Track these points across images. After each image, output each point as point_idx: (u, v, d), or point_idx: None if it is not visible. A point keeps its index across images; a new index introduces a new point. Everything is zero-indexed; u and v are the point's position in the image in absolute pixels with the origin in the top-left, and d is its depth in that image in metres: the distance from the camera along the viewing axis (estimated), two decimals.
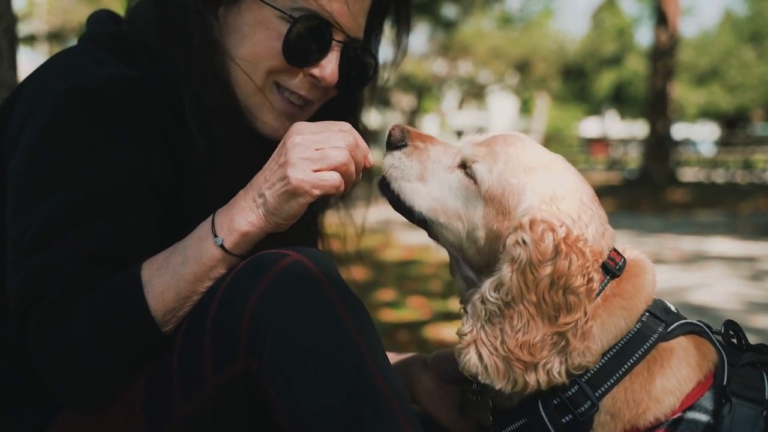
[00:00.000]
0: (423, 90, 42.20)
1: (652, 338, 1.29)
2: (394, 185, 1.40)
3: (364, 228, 1.81)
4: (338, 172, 1.24)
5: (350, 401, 1.15)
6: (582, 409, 1.26)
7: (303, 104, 1.54)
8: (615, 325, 1.29)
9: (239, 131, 1.48)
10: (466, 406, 1.43)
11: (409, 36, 1.71)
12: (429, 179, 1.38)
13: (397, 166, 1.40)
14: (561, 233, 1.24)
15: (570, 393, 1.27)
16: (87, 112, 1.31)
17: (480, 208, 1.33)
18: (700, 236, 8.76)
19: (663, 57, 17.05)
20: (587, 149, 32.83)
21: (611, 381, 1.27)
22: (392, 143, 1.41)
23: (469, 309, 1.29)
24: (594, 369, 1.27)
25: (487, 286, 1.25)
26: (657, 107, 17.19)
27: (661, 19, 17.03)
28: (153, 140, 1.37)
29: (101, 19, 1.55)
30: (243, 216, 1.26)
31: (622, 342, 1.29)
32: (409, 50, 1.78)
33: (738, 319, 4.49)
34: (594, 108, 52.92)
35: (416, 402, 1.59)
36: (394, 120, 48.08)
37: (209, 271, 1.26)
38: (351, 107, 1.68)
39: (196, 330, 1.23)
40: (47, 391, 1.31)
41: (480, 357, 1.23)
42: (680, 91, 35.27)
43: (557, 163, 1.37)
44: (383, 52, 1.73)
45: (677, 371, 1.29)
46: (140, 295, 1.24)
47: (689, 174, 21.60)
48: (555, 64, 44.31)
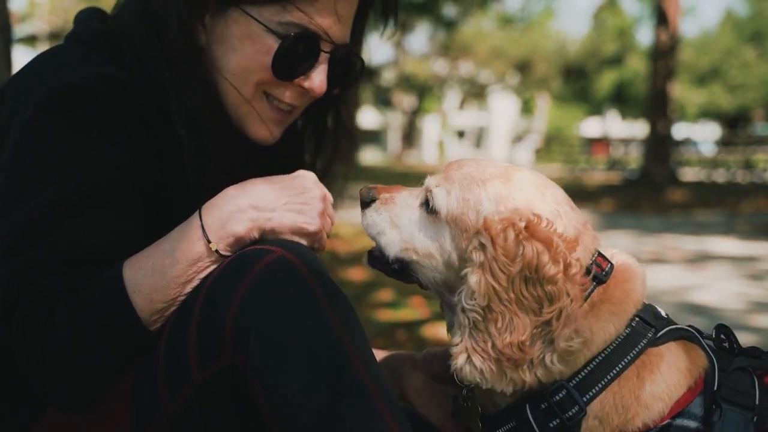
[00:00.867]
0: (424, 90, 42.18)
1: (642, 343, 1.29)
2: (377, 242, 1.43)
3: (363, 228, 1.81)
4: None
5: (335, 396, 1.16)
6: (569, 414, 1.25)
7: (291, 110, 1.55)
8: (604, 330, 1.28)
9: (227, 134, 1.49)
10: (458, 412, 1.42)
11: (397, 20, 1.70)
12: (399, 225, 1.41)
13: (370, 224, 1.44)
14: (521, 225, 1.22)
15: (557, 397, 1.26)
16: (69, 112, 1.31)
17: (447, 234, 1.33)
18: (701, 236, 8.76)
19: (663, 57, 17.04)
20: (588, 149, 32.79)
21: (599, 386, 1.26)
22: (363, 203, 1.46)
23: (455, 322, 1.28)
24: (583, 374, 1.26)
25: (462, 296, 1.25)
26: (657, 107, 17.18)
27: (662, 19, 17.02)
28: (138, 139, 1.37)
29: (87, 17, 1.54)
30: (240, 222, 1.27)
31: (611, 347, 1.28)
32: (410, 50, 1.78)
33: (738, 319, 4.46)
34: (595, 108, 52.92)
35: (405, 400, 1.59)
36: (396, 120, 48.09)
37: (200, 273, 1.26)
38: (337, 104, 1.70)
39: (182, 327, 1.23)
40: (32, 391, 1.30)
41: (474, 365, 1.23)
42: (681, 91, 35.26)
43: (516, 172, 1.35)
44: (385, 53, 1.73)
45: (667, 377, 1.28)
46: (125, 296, 1.23)
47: (690, 174, 21.58)
48: (556, 64, 44.32)
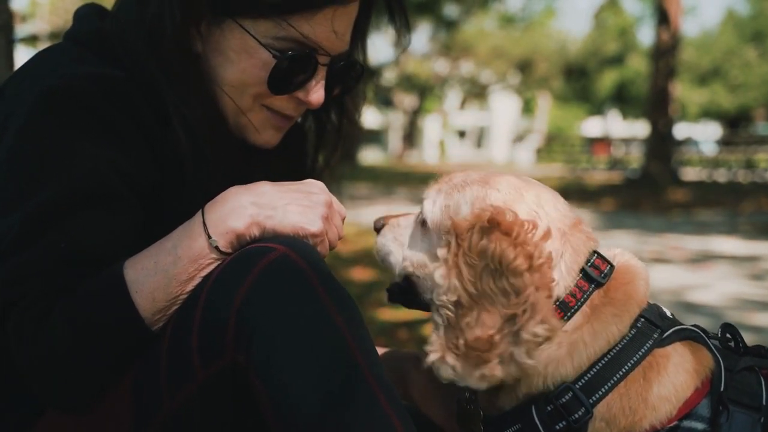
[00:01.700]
0: (425, 90, 42.18)
1: (648, 344, 1.27)
2: (386, 262, 1.49)
3: (367, 227, 1.82)
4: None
5: (338, 396, 1.15)
6: (576, 416, 1.24)
7: (290, 117, 1.55)
8: (607, 332, 1.27)
9: (226, 138, 1.49)
10: (461, 416, 1.42)
11: (409, 31, 1.69)
12: (402, 243, 1.46)
13: (379, 247, 1.50)
14: (485, 219, 1.22)
15: (564, 400, 1.25)
16: (64, 114, 1.31)
17: (435, 242, 1.35)
18: (702, 236, 8.75)
19: (665, 56, 17.03)
20: (589, 149, 32.78)
21: (606, 387, 1.25)
22: (376, 230, 1.53)
23: (432, 321, 1.27)
24: (588, 376, 1.25)
25: (434, 295, 1.25)
26: (659, 107, 17.16)
27: (663, 19, 17.01)
28: (132, 140, 1.36)
29: (85, 15, 1.53)
30: (240, 217, 1.26)
31: (617, 348, 1.27)
32: (411, 50, 1.78)
33: (740, 318, 4.46)
34: (596, 108, 52.91)
35: (408, 399, 1.58)
36: (397, 120, 48.06)
37: (201, 270, 1.25)
38: (341, 100, 1.69)
39: (184, 325, 1.23)
40: (30, 391, 1.29)
41: (446, 361, 1.22)
42: (682, 91, 35.24)
43: (498, 176, 1.36)
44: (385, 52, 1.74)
45: (674, 378, 1.27)
46: (126, 296, 1.23)
47: (691, 173, 21.55)
48: (557, 64, 44.31)
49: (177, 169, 1.41)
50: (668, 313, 1.37)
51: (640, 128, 33.88)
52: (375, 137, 49.04)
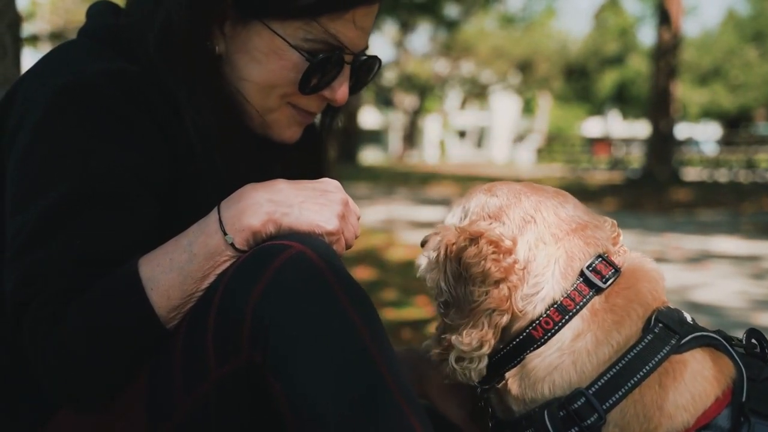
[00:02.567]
0: (425, 90, 42.17)
1: (664, 350, 1.24)
2: (421, 277, 1.49)
3: (368, 227, 1.82)
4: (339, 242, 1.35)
5: (355, 394, 1.14)
6: (588, 422, 1.22)
7: (313, 114, 1.56)
8: (610, 338, 1.26)
9: (243, 140, 1.49)
10: (475, 413, 1.45)
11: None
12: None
13: (419, 265, 1.48)
14: (467, 232, 1.31)
15: (576, 405, 1.23)
16: (79, 111, 1.30)
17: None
18: (704, 235, 8.74)
19: (666, 56, 17.03)
20: (589, 149, 32.78)
21: (619, 394, 1.23)
22: (422, 245, 1.52)
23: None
24: (602, 381, 1.24)
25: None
26: (660, 106, 17.17)
27: (664, 18, 17.01)
28: (148, 137, 1.35)
29: (99, 12, 1.53)
30: (256, 214, 1.25)
31: (632, 354, 1.24)
32: (412, 50, 1.79)
33: (742, 318, 4.45)
34: (596, 108, 52.91)
35: (425, 398, 1.58)
36: (397, 120, 48.04)
37: (216, 268, 1.25)
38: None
39: (199, 323, 1.22)
40: (43, 390, 1.29)
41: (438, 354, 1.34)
42: (683, 91, 35.23)
43: (502, 184, 1.44)
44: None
45: (691, 386, 1.24)
46: (142, 294, 1.22)
47: (692, 173, 21.53)
48: (557, 64, 44.31)
49: (194, 167, 1.41)
50: (689, 319, 1.32)
51: (641, 128, 33.87)
52: (375, 137, 49.03)
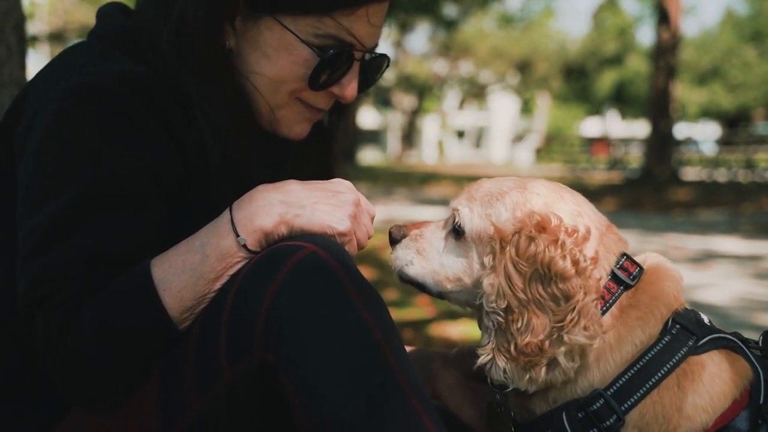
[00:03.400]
0: (424, 90, 42.20)
1: (682, 351, 1.24)
2: (404, 273, 1.45)
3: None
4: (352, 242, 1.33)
5: (369, 395, 1.14)
6: (607, 424, 1.22)
7: (321, 110, 1.55)
8: (633, 335, 1.26)
9: (253, 135, 1.48)
10: (492, 419, 1.42)
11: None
12: (429, 258, 1.43)
13: (400, 257, 1.46)
14: (531, 225, 1.24)
15: (595, 407, 1.23)
16: (89, 113, 1.30)
17: (473, 253, 1.34)
18: (704, 235, 8.74)
19: (665, 56, 17.04)
20: (588, 149, 32.80)
21: (638, 395, 1.23)
22: (393, 240, 1.48)
23: (482, 325, 1.29)
24: (620, 382, 1.24)
25: (483, 301, 1.26)
26: (659, 106, 17.18)
27: (663, 18, 17.02)
28: (159, 138, 1.35)
29: (108, 13, 1.53)
30: (268, 216, 1.25)
31: (650, 355, 1.25)
32: (410, 50, 1.78)
33: (744, 318, 4.45)
34: (595, 108, 52.94)
35: (437, 398, 1.57)
36: (395, 120, 48.09)
37: (229, 269, 1.25)
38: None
39: (212, 325, 1.22)
40: (55, 390, 1.29)
41: (497, 364, 1.24)
42: (682, 91, 35.26)
43: (532, 181, 1.37)
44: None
45: (710, 387, 1.24)
46: (154, 295, 1.22)
47: (691, 173, 21.55)
48: (556, 64, 44.34)
49: (204, 166, 1.40)
50: (706, 320, 1.33)
51: (639, 128, 33.90)
52: (374, 137, 49.06)
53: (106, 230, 1.26)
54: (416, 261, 1.43)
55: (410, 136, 45.24)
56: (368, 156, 42.48)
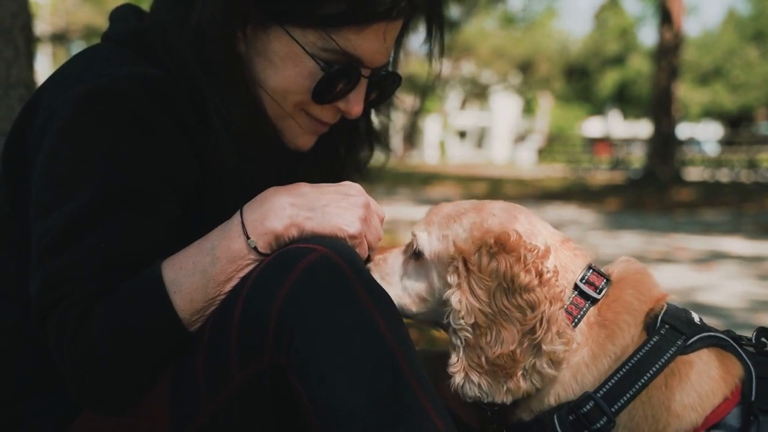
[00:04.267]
0: (425, 90, 42.17)
1: (671, 351, 1.26)
2: None
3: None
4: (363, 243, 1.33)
5: (380, 396, 1.14)
6: (598, 426, 1.24)
7: (327, 124, 1.55)
8: (609, 352, 1.28)
9: (265, 138, 1.49)
10: (484, 424, 1.44)
11: (443, 54, 1.70)
12: (392, 282, 1.46)
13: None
14: (490, 241, 1.28)
15: (585, 409, 1.25)
16: (105, 115, 1.31)
17: (433, 273, 1.39)
18: (706, 235, 8.73)
19: (667, 56, 17.01)
20: (590, 149, 32.78)
21: (627, 396, 1.25)
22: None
23: (450, 344, 1.31)
24: (609, 384, 1.26)
25: (451, 319, 1.28)
26: (661, 106, 17.15)
27: (666, 18, 17.00)
28: (174, 141, 1.36)
29: (122, 15, 1.53)
30: (279, 218, 1.26)
31: (639, 355, 1.27)
32: (411, 50, 1.78)
33: (747, 319, 4.43)
34: (597, 108, 52.92)
35: (441, 398, 1.58)
36: (397, 120, 48.03)
37: (239, 271, 1.25)
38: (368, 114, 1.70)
39: (223, 326, 1.22)
40: (67, 392, 1.29)
41: (471, 380, 1.27)
42: (684, 91, 35.23)
43: (489, 203, 1.42)
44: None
45: (697, 385, 1.26)
46: (165, 297, 1.22)
47: (694, 173, 21.52)
48: (558, 64, 44.33)
49: (218, 169, 1.40)
50: (696, 319, 1.34)
51: (641, 128, 33.86)
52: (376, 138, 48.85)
53: (119, 233, 1.27)
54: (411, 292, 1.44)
55: (412, 137, 45.22)
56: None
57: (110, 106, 1.30)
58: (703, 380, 1.26)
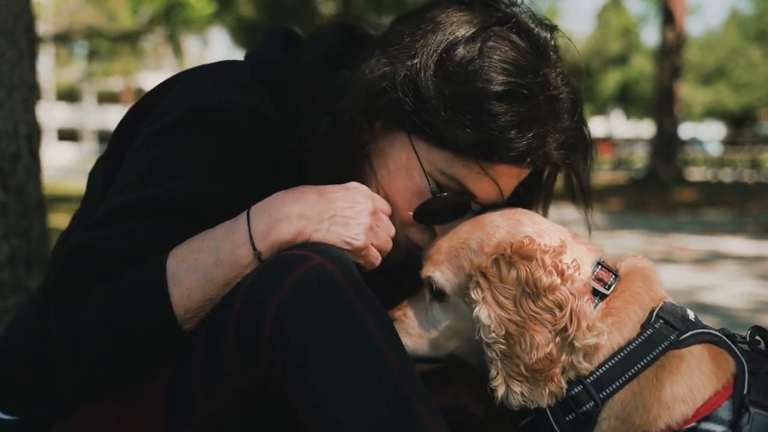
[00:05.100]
0: None
1: (663, 345, 1.30)
2: None
3: None
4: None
5: (375, 405, 1.15)
6: (584, 408, 1.28)
7: (420, 248, 1.50)
8: (611, 341, 1.30)
9: None
10: (488, 412, 1.47)
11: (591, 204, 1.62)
12: (421, 334, 1.44)
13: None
14: (507, 252, 1.28)
15: (573, 392, 1.29)
16: (203, 132, 1.34)
17: (461, 305, 1.38)
18: (709, 236, 8.72)
19: (669, 56, 17.00)
20: None
21: (617, 384, 1.28)
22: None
23: (486, 359, 1.31)
24: (599, 372, 1.29)
25: (481, 335, 1.29)
26: (664, 106, 17.14)
27: (668, 18, 16.99)
28: (262, 182, 1.37)
29: (270, 41, 1.54)
30: (287, 230, 1.26)
31: (631, 347, 1.30)
32: None
33: (749, 319, 4.42)
34: (599, 107, 52.83)
35: (456, 397, 1.61)
36: None
37: (239, 276, 1.26)
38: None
39: (219, 330, 1.23)
40: (57, 380, 1.31)
41: (513, 390, 1.27)
42: (686, 91, 35.17)
43: (485, 218, 1.41)
44: None
45: (688, 379, 1.29)
46: (164, 289, 1.23)
47: (696, 173, 21.50)
48: None
49: None
50: (692, 316, 1.37)
51: (644, 128, 33.83)
52: None
53: (161, 238, 1.29)
54: (410, 342, 1.43)
55: None
56: None
57: (213, 126, 1.34)
58: (695, 374, 1.29)
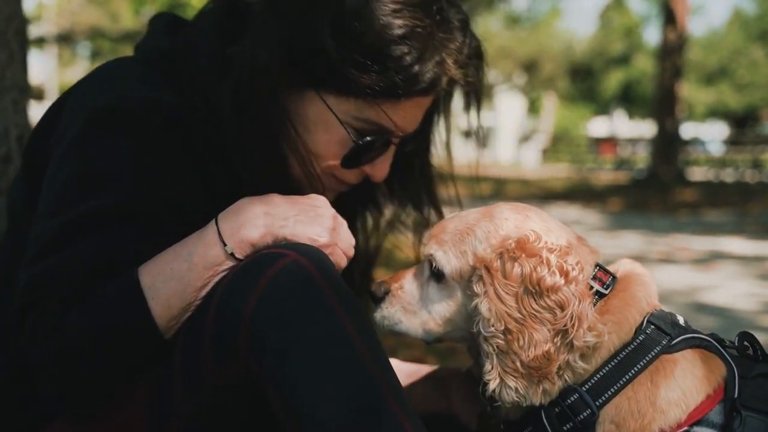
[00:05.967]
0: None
1: (655, 350, 1.31)
2: (395, 331, 1.46)
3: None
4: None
5: (351, 402, 1.16)
6: (581, 417, 1.28)
7: (350, 184, 1.58)
8: (608, 342, 1.31)
9: (281, 189, 1.47)
10: (482, 420, 1.45)
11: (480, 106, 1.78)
12: (415, 311, 1.44)
13: (387, 317, 1.46)
14: (511, 247, 1.28)
15: (570, 401, 1.29)
16: (115, 134, 1.34)
17: (458, 291, 1.38)
18: (710, 236, 8.71)
19: (671, 56, 16.98)
20: (595, 149, 32.75)
21: (612, 390, 1.29)
22: (376, 299, 1.48)
23: (482, 352, 1.31)
24: (595, 379, 1.30)
25: (480, 327, 1.29)
26: (665, 106, 17.12)
27: (670, 18, 16.97)
28: (181, 167, 1.38)
29: (157, 27, 1.55)
30: (254, 227, 1.27)
31: (624, 353, 1.31)
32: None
33: (750, 319, 4.43)
34: (602, 107, 52.82)
35: (453, 411, 1.61)
36: None
37: (215, 276, 1.27)
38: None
39: (197, 332, 1.24)
40: (39, 392, 1.32)
41: (507, 385, 1.27)
42: (689, 90, 35.15)
43: (495, 208, 1.41)
44: None
45: (681, 382, 1.29)
46: (143, 303, 1.24)
47: (698, 173, 21.49)
48: (562, 64, 44.26)
49: (229, 203, 1.38)
50: (681, 321, 1.38)
51: (646, 128, 33.82)
52: None
53: (111, 246, 1.29)
54: (404, 318, 1.44)
55: None
56: None
57: (122, 126, 1.34)
58: (687, 378, 1.30)
